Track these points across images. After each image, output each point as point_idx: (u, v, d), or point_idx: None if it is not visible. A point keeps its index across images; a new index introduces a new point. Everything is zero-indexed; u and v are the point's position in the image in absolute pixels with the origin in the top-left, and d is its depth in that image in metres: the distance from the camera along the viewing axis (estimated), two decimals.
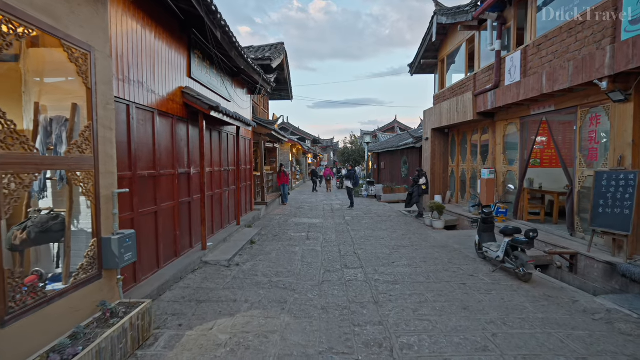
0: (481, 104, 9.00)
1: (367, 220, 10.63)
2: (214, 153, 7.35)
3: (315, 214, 12.12)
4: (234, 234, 7.82)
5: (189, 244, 6.04)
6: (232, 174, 8.56)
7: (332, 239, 8.00)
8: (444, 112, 11.20)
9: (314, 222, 10.31)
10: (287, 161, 23.93)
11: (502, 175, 9.10)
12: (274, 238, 8.08)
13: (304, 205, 14.55)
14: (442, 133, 12.39)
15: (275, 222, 10.22)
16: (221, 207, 7.80)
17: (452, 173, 12.17)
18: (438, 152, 12.41)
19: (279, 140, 15.63)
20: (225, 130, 8.17)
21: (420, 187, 10.72)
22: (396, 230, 9.07)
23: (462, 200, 11.49)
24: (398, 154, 19.10)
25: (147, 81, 4.61)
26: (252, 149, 11.00)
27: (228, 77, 8.29)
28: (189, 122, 6.01)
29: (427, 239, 7.99)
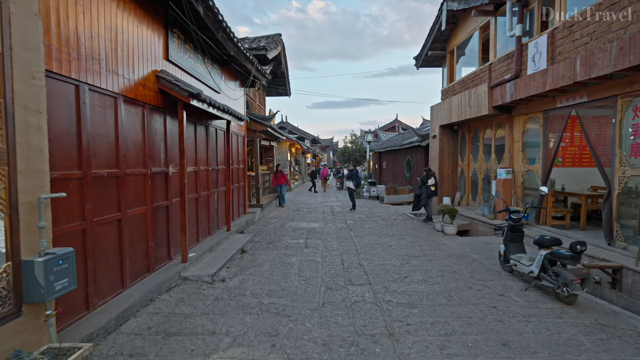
0: (498, 96, 8.14)
1: (370, 225, 9.76)
2: (199, 150, 6.47)
3: (314, 217, 11.24)
4: (223, 241, 6.94)
5: (167, 256, 5.16)
6: (222, 174, 7.69)
7: (334, 247, 7.13)
8: (454, 107, 10.34)
9: (313, 227, 9.44)
10: (285, 161, 23.06)
11: (521, 176, 8.24)
12: (268, 246, 7.21)
13: (303, 207, 13.68)
14: (451, 130, 11.52)
15: (271, 227, 9.34)
16: (208, 211, 6.92)
17: (462, 173, 11.31)
18: (446, 150, 11.55)
19: (276, 138, 14.76)
20: (214, 125, 7.29)
21: (429, 188, 9.85)
22: (404, 236, 8.20)
23: (473, 202, 10.63)
24: (401, 153, 18.24)
25: (106, 58, 3.73)
26: (246, 147, 10.13)
27: (217, 65, 7.41)
28: (166, 113, 5.13)
29: (439, 246, 7.12)
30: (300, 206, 14.16)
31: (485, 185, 10.04)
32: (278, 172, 13.49)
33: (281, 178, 13.51)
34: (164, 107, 5.03)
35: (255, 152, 11.01)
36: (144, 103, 4.50)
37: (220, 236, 7.07)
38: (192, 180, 6.12)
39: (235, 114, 6.89)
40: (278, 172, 13.50)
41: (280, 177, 13.50)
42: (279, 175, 13.50)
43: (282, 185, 13.69)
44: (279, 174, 13.50)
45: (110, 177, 3.80)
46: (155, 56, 4.83)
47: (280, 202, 13.98)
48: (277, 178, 13.55)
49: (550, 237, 4.48)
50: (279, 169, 13.51)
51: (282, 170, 13.76)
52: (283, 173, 13.63)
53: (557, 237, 4.47)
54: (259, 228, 9.15)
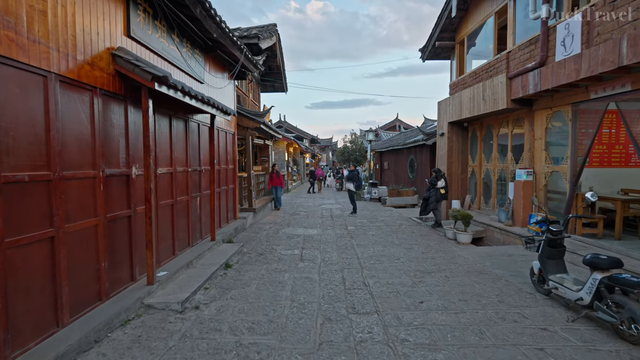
0: (518, 88, 7.22)
1: (374, 231, 8.83)
2: (176, 148, 5.53)
3: (312, 222, 10.31)
4: (206, 253, 6.01)
5: (129, 277, 4.22)
6: (206, 176, 6.75)
7: (333, 259, 6.20)
8: (465, 101, 9.42)
9: (311, 234, 8.50)
10: (283, 161, 22.13)
11: (544, 177, 7.32)
12: (258, 258, 6.27)
13: (300, 211, 12.75)
14: (461, 127, 10.60)
15: (263, 235, 8.40)
16: (188, 219, 5.98)
17: (473, 174, 10.39)
18: (456, 149, 10.63)
19: (271, 136, 13.83)
20: (196, 120, 6.36)
21: (438, 191, 8.93)
22: (412, 245, 7.27)
23: (485, 206, 9.71)
24: (404, 153, 17.33)
25: (29, 23, 2.79)
26: (236, 146, 9.19)
27: (199, 51, 6.47)
28: (128, 102, 4.19)
29: (454, 259, 6.20)
30: (297, 209, 13.23)
31: (500, 188, 9.12)
32: (274, 172, 12.61)
33: (277, 179, 12.62)
34: (125, 95, 4.09)
35: (247, 151, 10.08)
36: (93, 87, 3.56)
37: (203, 247, 6.13)
38: (165, 184, 5.19)
39: (220, 107, 5.96)
40: (274, 173, 12.61)
41: (276, 179, 12.61)
42: (275, 176, 12.61)
43: (278, 187, 12.80)
44: (274, 174, 12.61)
45: (35, 181, 2.86)
46: (111, 31, 3.89)
47: (275, 205, 13.08)
48: (273, 179, 12.66)
49: (607, 257, 3.55)
50: (275, 170, 12.64)
51: (279, 171, 12.89)
52: (279, 174, 12.76)
53: (617, 258, 3.53)
54: (249, 236, 8.21)
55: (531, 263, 5.90)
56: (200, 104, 5.20)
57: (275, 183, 12.74)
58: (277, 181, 12.72)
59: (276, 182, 12.72)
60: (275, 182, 12.73)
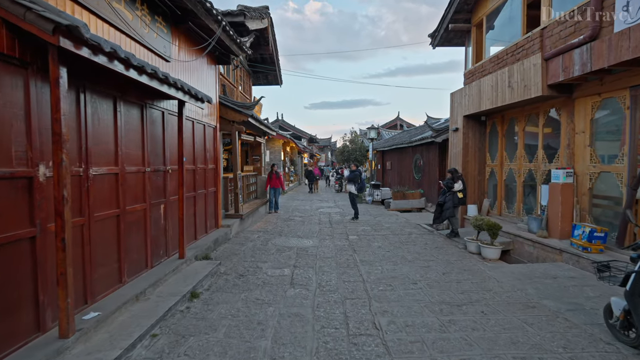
0: (557, 70, 5.92)
1: (380, 242, 7.51)
2: (125, 142, 4.21)
3: (308, 229, 8.99)
4: (169, 277, 4.69)
5: (32, 327, 2.89)
6: (173, 178, 5.42)
7: (332, 284, 4.88)
8: (486, 90, 8.11)
9: (305, 246, 7.18)
10: (279, 160, 20.81)
11: (589, 179, 6.02)
12: (237, 282, 4.95)
13: (295, 215, 11.42)
14: (478, 122, 9.29)
15: (249, 247, 7.07)
16: (145, 233, 4.65)
17: (492, 175, 9.09)
18: (472, 147, 9.32)
19: (264, 133, 12.51)
20: (159, 107, 5.04)
21: (455, 195, 7.62)
22: (429, 262, 5.95)
23: (508, 212, 8.40)
24: (409, 152, 16.01)
25: None
26: (218, 142, 7.87)
27: (162, 20, 5.14)
28: (31, 70, 2.87)
29: (485, 282, 4.89)
30: (292, 214, 11.90)
31: (526, 191, 7.82)
32: (273, 173, 11.49)
33: (276, 180, 11.57)
34: (23, 59, 2.77)
35: (234, 148, 8.76)
36: None
37: (166, 268, 4.81)
38: (107, 189, 3.86)
39: (189, 90, 4.64)
40: (273, 174, 11.50)
41: (275, 180, 11.56)
42: (274, 177, 11.46)
43: (276, 189, 11.61)
44: (273, 175, 11.47)
45: None
46: None
47: (270, 209, 11.84)
48: (272, 180, 11.52)
49: None
50: (274, 170, 11.54)
51: (278, 172, 11.75)
52: (279, 175, 11.63)
53: None
54: (232, 249, 6.88)
55: (585, 289, 4.61)
56: (157, 82, 3.90)
57: (273, 184, 11.60)
58: (276, 182, 11.57)
59: (275, 183, 11.58)
60: (274, 184, 11.59)
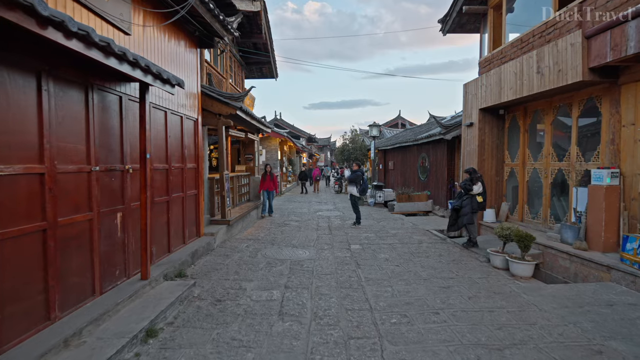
0: (604, 49, 4.90)
1: (387, 253, 6.49)
2: (55, 132, 3.19)
3: (304, 237, 7.96)
4: (122, 306, 3.66)
5: None
6: (135, 180, 4.39)
7: (331, 314, 3.86)
8: (508, 79, 7.09)
9: (301, 258, 6.16)
10: (276, 160, 19.79)
11: None
12: (211, 312, 3.92)
13: (291, 220, 10.39)
14: (495, 115, 8.28)
15: (234, 260, 6.04)
16: (91, 250, 3.63)
17: (512, 175, 8.07)
18: (489, 144, 8.30)
19: (257, 130, 11.48)
20: (111, 90, 4.01)
21: (474, 198, 6.60)
22: (449, 282, 4.93)
23: (531, 217, 7.38)
24: (413, 151, 15.00)
25: None
26: (200, 137, 6.83)
27: None
28: None
29: (525, 312, 3.86)
30: (288, 218, 10.87)
31: (556, 194, 6.80)
32: (267, 174, 10.48)
33: (270, 182, 10.52)
34: None
35: (220, 145, 7.72)
36: None
37: (120, 294, 3.78)
38: (21, 194, 2.84)
39: (149, 68, 3.62)
40: (267, 175, 10.47)
41: (269, 182, 10.51)
42: (268, 178, 10.48)
43: (270, 191, 10.72)
44: (267, 176, 10.47)
45: None
46: None
47: (263, 212, 10.82)
48: (266, 182, 10.49)
49: None
50: (268, 170, 10.48)
51: (272, 172, 10.69)
52: (273, 176, 10.56)
53: None
54: (214, 262, 5.85)
55: None
56: (98, 53, 2.89)
57: (267, 186, 10.52)
58: (270, 184, 10.51)
59: (268, 185, 10.52)
60: (268, 186, 10.52)
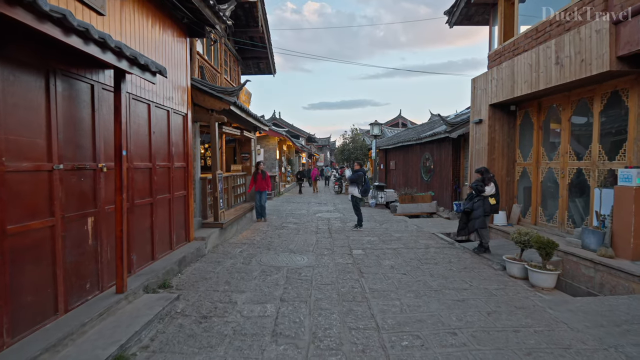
0: (635, 35, 4.41)
1: (392, 259, 5.98)
2: (8, 125, 2.69)
3: (302, 241, 7.45)
4: (89, 327, 3.15)
5: None
6: (110, 180, 3.88)
7: (332, 335, 3.35)
8: (522, 71, 6.59)
9: (298, 265, 5.65)
10: (274, 159, 19.29)
11: None
12: (194, 332, 3.41)
13: (289, 222, 9.88)
14: (506, 112, 7.78)
15: (226, 267, 5.53)
16: (54, 262, 3.12)
17: (524, 175, 7.58)
18: (499, 142, 7.81)
19: (254, 127, 10.98)
20: (79, 77, 3.51)
21: (487, 200, 6.09)
22: (462, 292, 4.42)
23: (546, 220, 6.88)
24: (416, 150, 14.50)
25: None
26: (192, 134, 6.32)
27: None
28: None
29: (556, 333, 3.36)
30: (286, 220, 10.36)
31: (574, 196, 6.30)
32: (258, 173, 9.54)
33: (262, 182, 9.54)
34: None
35: (213, 142, 7.22)
36: None
37: (89, 312, 3.27)
38: None
39: (122, 50, 3.12)
40: (258, 174, 9.54)
41: (261, 181, 9.53)
42: (259, 177, 9.52)
43: (262, 192, 9.70)
44: (259, 175, 9.51)
45: None
46: None
47: (257, 216, 10.07)
48: (257, 182, 9.56)
49: None
50: (260, 169, 9.59)
51: (265, 171, 9.80)
52: (265, 175, 9.66)
53: None
54: (203, 270, 5.34)
55: None
56: (57, 30, 2.40)
57: (259, 187, 9.57)
58: (263, 184, 9.56)
59: (261, 185, 9.54)
60: (260, 186, 9.55)
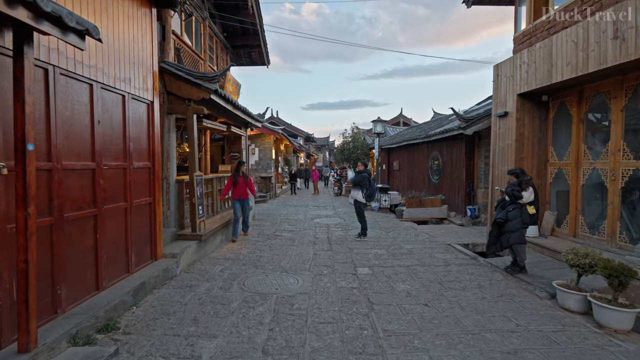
0: None
1: (407, 283, 4.81)
2: None
3: (298, 254, 6.27)
4: None
5: None
6: (8, 188, 2.70)
7: None
8: (563, 52, 5.44)
9: (290, 292, 4.46)
10: (269, 159, 18.11)
11: None
12: None
13: (283, 230, 8.70)
14: (537, 103, 6.64)
15: (196, 298, 4.34)
16: None
17: (559, 177, 6.43)
18: (528, 138, 6.66)
19: (245, 123, 9.81)
20: None
21: (524, 209, 4.93)
22: (509, 337, 3.24)
23: (588, 232, 5.73)
24: (423, 149, 13.35)
25: None
26: (158, 127, 5.15)
27: None
28: None
29: None
30: (280, 227, 9.18)
31: (630, 202, 5.15)
32: (239, 175, 7.24)
33: (244, 187, 7.19)
34: None
35: (190, 138, 6.04)
36: None
37: None
38: None
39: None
40: (239, 177, 7.24)
41: (242, 186, 7.18)
42: (241, 181, 7.20)
43: (244, 200, 7.26)
44: (240, 179, 7.21)
45: None
46: None
47: (234, 234, 7.25)
48: (238, 186, 7.17)
49: None
50: (241, 170, 7.29)
51: (247, 174, 7.63)
52: (247, 177, 7.40)
53: None
54: (167, 301, 4.15)
55: None
56: None
57: (239, 194, 7.14)
58: (244, 189, 7.17)
59: (242, 190, 7.14)
60: (240, 192, 7.14)
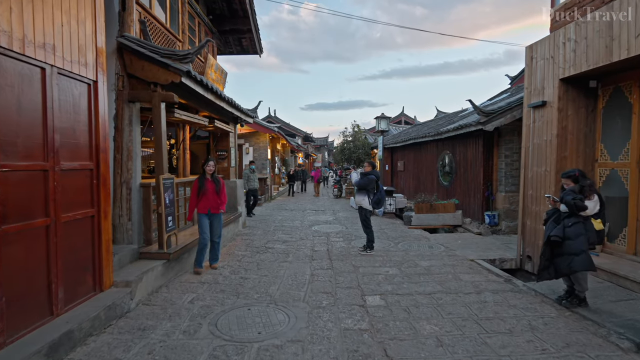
0: None
1: (434, 323, 3.60)
2: None
3: (291, 276, 5.05)
4: None
5: None
6: None
7: None
8: (635, 21, 4.25)
9: (277, 340, 3.24)
10: (265, 160, 16.90)
11: None
12: None
13: (276, 240, 7.48)
14: (583, 91, 5.45)
15: (145, 351, 3.12)
16: None
17: (611, 180, 5.25)
18: (572, 133, 5.47)
19: (234, 118, 8.61)
20: None
21: (589, 224, 3.73)
22: None
23: None
24: (432, 149, 12.16)
25: None
26: (106, 116, 3.93)
27: None
28: None
29: None
30: (273, 236, 7.97)
31: None
32: (206, 179, 5.16)
33: (214, 196, 5.15)
34: None
35: (157, 134, 4.83)
36: None
37: None
38: None
39: None
40: (207, 181, 5.15)
41: (212, 195, 5.14)
42: (210, 188, 5.14)
43: (214, 215, 5.21)
44: (207, 183, 5.14)
45: None
46: None
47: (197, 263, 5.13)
48: (205, 194, 5.09)
49: None
50: (207, 172, 5.19)
51: (217, 176, 5.33)
52: (220, 183, 5.26)
53: None
54: (102, 353, 2.94)
55: None
56: None
57: (207, 206, 5.12)
58: (214, 199, 5.16)
59: (210, 202, 5.13)
60: (209, 204, 5.13)
